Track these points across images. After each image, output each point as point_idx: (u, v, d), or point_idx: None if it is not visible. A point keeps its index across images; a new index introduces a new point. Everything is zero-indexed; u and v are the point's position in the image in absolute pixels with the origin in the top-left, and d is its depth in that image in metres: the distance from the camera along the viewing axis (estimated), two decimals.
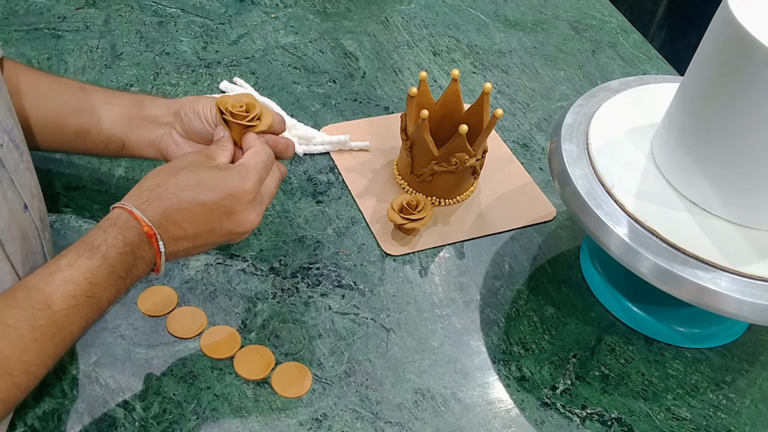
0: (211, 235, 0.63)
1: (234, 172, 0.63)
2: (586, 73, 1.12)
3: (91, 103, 0.73)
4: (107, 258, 0.57)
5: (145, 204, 0.60)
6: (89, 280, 0.56)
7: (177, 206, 0.61)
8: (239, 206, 0.63)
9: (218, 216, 0.62)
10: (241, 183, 0.63)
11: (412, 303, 0.80)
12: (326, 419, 0.69)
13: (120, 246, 0.58)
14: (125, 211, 0.59)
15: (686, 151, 0.71)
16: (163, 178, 0.62)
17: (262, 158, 0.66)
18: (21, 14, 1.08)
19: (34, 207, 0.63)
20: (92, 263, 0.57)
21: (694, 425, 0.73)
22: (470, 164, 0.84)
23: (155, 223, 0.60)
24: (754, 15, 0.63)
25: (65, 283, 0.55)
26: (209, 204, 0.61)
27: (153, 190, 0.61)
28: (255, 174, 0.64)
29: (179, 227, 0.61)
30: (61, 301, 0.55)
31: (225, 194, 0.62)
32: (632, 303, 0.81)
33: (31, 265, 0.63)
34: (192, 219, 0.61)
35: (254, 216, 0.64)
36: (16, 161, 0.61)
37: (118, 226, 0.58)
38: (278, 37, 1.11)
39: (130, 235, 0.59)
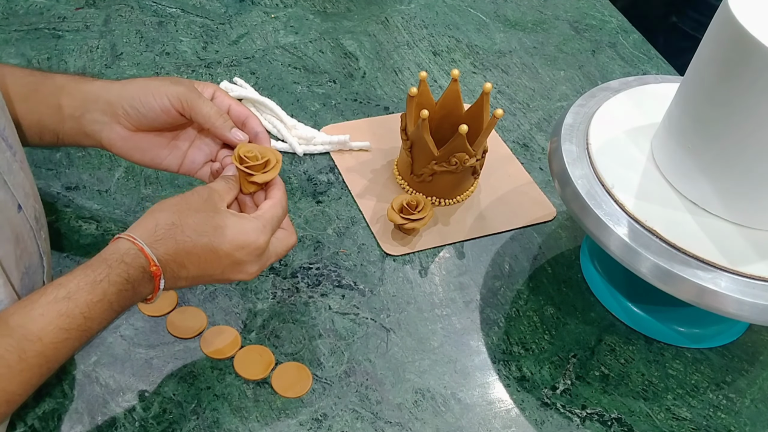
0: (209, 278, 0.63)
1: (251, 224, 0.62)
2: (586, 73, 1.12)
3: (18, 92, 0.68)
4: (107, 294, 0.56)
5: (159, 243, 0.59)
6: (85, 315, 0.55)
7: (189, 250, 0.60)
8: (247, 258, 0.62)
9: (224, 264, 0.62)
10: (256, 237, 0.62)
11: (412, 303, 0.80)
12: (326, 419, 0.69)
13: (122, 284, 0.57)
14: (135, 246, 0.58)
15: (686, 151, 0.71)
16: (179, 217, 0.60)
17: (277, 212, 0.64)
18: (21, 14, 1.08)
19: (28, 207, 0.63)
20: (91, 298, 0.55)
21: (694, 425, 0.73)
22: (470, 164, 0.84)
23: (163, 263, 0.59)
24: (754, 15, 0.63)
25: (61, 316, 0.54)
26: (220, 252, 0.61)
27: (168, 230, 0.59)
28: (270, 229, 0.63)
29: (185, 269, 0.60)
30: (53, 333, 0.54)
31: (238, 246, 0.61)
32: (632, 303, 0.81)
33: (25, 265, 0.62)
34: (199, 263, 0.61)
35: (255, 269, 0.64)
36: (9, 161, 0.60)
37: (125, 263, 0.57)
38: (278, 37, 1.11)
39: (135, 273, 0.57)
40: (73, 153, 0.89)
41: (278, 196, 0.65)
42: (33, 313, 0.54)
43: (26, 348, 0.53)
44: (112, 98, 0.67)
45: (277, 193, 0.66)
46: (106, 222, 0.82)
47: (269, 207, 0.64)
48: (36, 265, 0.65)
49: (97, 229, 0.81)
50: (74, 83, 0.69)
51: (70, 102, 0.68)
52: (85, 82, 0.69)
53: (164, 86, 0.67)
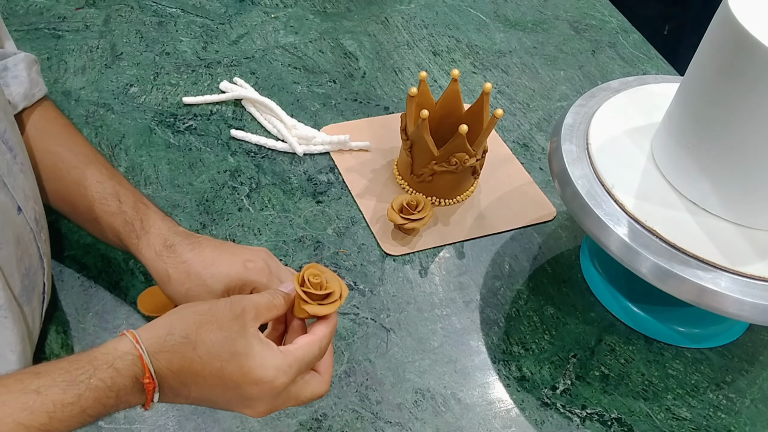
0: (211, 403, 0.55)
1: (273, 360, 0.53)
2: (586, 73, 1.12)
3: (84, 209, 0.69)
4: (81, 399, 0.49)
5: (163, 354, 0.51)
6: (50, 415, 0.48)
7: (196, 371, 0.52)
8: (258, 396, 0.54)
9: (230, 395, 0.54)
10: (274, 376, 0.53)
11: (412, 303, 0.80)
12: (326, 419, 0.69)
13: (104, 390, 0.49)
14: (136, 352, 0.51)
15: (686, 151, 0.71)
16: (197, 332, 0.53)
17: (312, 352, 0.56)
18: (21, 14, 1.08)
19: (28, 209, 0.63)
20: (63, 398, 0.48)
21: (694, 425, 0.73)
22: (470, 164, 0.84)
23: (162, 376, 0.52)
24: (754, 15, 0.63)
25: (23, 409, 0.47)
26: (229, 383, 0.53)
27: (180, 343, 0.52)
28: (295, 370, 0.54)
29: (186, 389, 0.53)
30: (10, 428, 0.47)
31: (252, 380, 0.53)
32: (632, 303, 0.81)
33: (26, 267, 0.62)
34: (204, 387, 0.53)
35: (264, 409, 0.55)
36: (9, 163, 0.60)
37: (115, 369, 0.50)
38: (278, 37, 1.11)
39: (123, 382, 0.50)
40: None
41: (320, 334, 0.57)
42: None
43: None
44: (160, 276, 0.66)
45: (321, 330, 0.57)
46: None
47: (303, 344, 0.56)
48: (36, 267, 0.65)
49: None
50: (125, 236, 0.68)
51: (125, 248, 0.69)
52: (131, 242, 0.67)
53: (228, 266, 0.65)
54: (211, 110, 0.98)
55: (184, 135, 0.93)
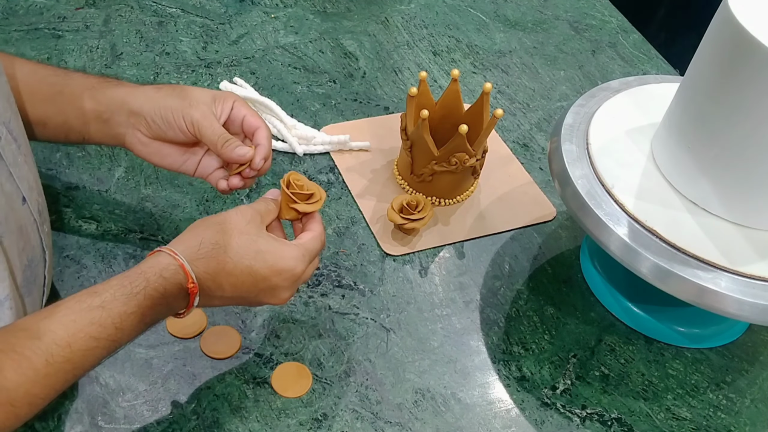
0: (242, 300, 0.63)
1: (292, 251, 0.63)
2: (586, 73, 1.12)
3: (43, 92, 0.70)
4: (141, 307, 0.56)
5: (200, 261, 0.59)
6: (117, 326, 0.55)
7: (229, 271, 0.60)
8: (283, 284, 0.63)
9: (260, 287, 0.62)
10: (294, 264, 0.63)
11: (412, 303, 0.80)
12: (326, 419, 0.69)
13: (158, 298, 0.57)
14: (176, 261, 0.58)
15: (686, 151, 0.71)
16: (223, 238, 0.61)
17: (317, 245, 0.66)
18: (21, 14, 1.08)
19: (32, 200, 0.63)
20: (125, 309, 0.55)
21: (694, 425, 0.73)
22: (470, 164, 0.84)
23: (201, 281, 0.59)
24: (754, 15, 0.63)
25: (92, 324, 0.54)
26: (258, 276, 0.61)
27: (212, 249, 0.60)
28: (309, 258, 0.64)
29: (221, 289, 0.61)
30: (83, 341, 0.54)
31: (277, 270, 0.62)
32: (632, 303, 0.81)
33: (28, 257, 0.63)
34: (237, 285, 0.61)
35: (287, 295, 0.64)
36: (14, 153, 0.61)
37: (163, 278, 0.57)
38: (278, 37, 1.11)
39: (172, 289, 0.58)
40: (73, 153, 0.89)
41: (319, 230, 0.67)
42: (65, 318, 0.54)
43: (54, 352, 0.52)
44: (136, 108, 0.70)
45: (318, 227, 0.67)
46: (106, 222, 0.82)
47: (310, 238, 0.66)
48: (38, 259, 0.65)
49: (97, 229, 0.81)
50: (99, 86, 0.71)
51: (95, 106, 0.70)
52: (110, 87, 0.71)
53: (184, 108, 0.69)
54: None
55: None
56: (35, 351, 0.52)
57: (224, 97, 0.71)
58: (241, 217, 0.63)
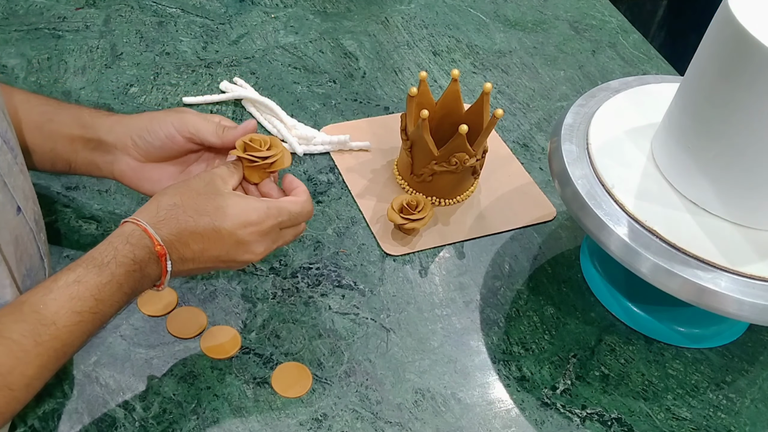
0: (215, 260, 0.64)
1: (255, 204, 0.64)
2: (586, 73, 1.12)
3: (32, 121, 0.71)
4: (115, 275, 0.58)
5: (161, 223, 0.61)
6: (95, 297, 0.57)
7: (192, 229, 0.61)
8: (250, 238, 0.63)
9: (228, 243, 0.63)
10: (258, 217, 0.63)
11: (412, 303, 0.80)
12: (326, 419, 0.69)
13: (129, 264, 0.58)
14: (139, 227, 0.60)
15: (686, 151, 0.71)
16: (181, 198, 0.62)
17: (294, 209, 0.66)
18: (21, 14, 1.08)
19: (28, 209, 0.63)
20: (100, 280, 0.57)
21: (694, 425, 0.73)
22: (470, 164, 0.84)
23: (167, 243, 0.60)
24: (754, 15, 0.63)
25: (72, 299, 0.56)
26: (222, 231, 0.62)
27: (170, 210, 0.61)
28: (278, 215, 0.65)
29: (189, 249, 0.62)
30: (66, 317, 0.55)
31: (240, 224, 0.63)
32: (632, 303, 0.81)
33: (26, 267, 0.62)
34: (203, 242, 0.62)
35: (262, 249, 0.65)
36: (10, 163, 0.60)
37: (130, 244, 0.59)
38: (278, 37, 1.11)
39: (141, 253, 0.59)
40: None
41: (303, 198, 0.67)
42: (45, 298, 0.55)
43: (41, 332, 0.54)
44: (121, 131, 0.70)
45: (303, 195, 0.67)
46: (106, 222, 0.82)
47: (287, 201, 0.66)
48: (37, 267, 0.65)
49: (97, 229, 0.81)
50: (89, 116, 0.71)
51: (83, 133, 0.70)
52: (99, 116, 0.71)
53: (169, 115, 0.69)
54: (211, 110, 0.98)
55: None
56: (23, 333, 0.54)
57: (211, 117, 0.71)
58: (199, 180, 0.64)
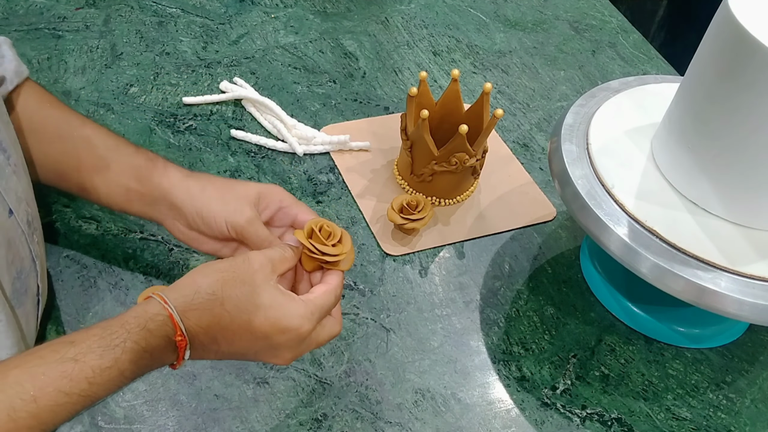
0: (240, 356, 0.58)
1: (298, 308, 0.57)
2: (586, 73, 1.12)
3: (91, 164, 0.69)
4: (119, 362, 0.51)
5: (192, 312, 0.54)
6: (90, 380, 0.50)
7: (224, 325, 0.55)
8: (286, 344, 0.57)
9: (259, 345, 0.57)
10: (300, 323, 0.56)
11: (412, 303, 0.80)
12: (326, 419, 0.69)
13: (139, 352, 0.52)
14: (165, 311, 0.53)
15: (686, 151, 0.71)
16: (222, 289, 0.55)
17: (329, 300, 0.60)
18: (21, 14, 1.08)
19: (20, 211, 0.62)
20: (101, 363, 0.50)
21: (694, 425, 0.73)
22: (470, 164, 0.84)
23: (192, 334, 0.54)
24: (754, 15, 0.63)
25: (63, 378, 0.49)
26: (258, 333, 0.56)
27: (207, 300, 0.54)
28: (317, 317, 0.58)
29: (216, 344, 0.56)
30: (51, 396, 0.49)
31: (279, 329, 0.56)
32: (632, 303, 0.81)
33: (17, 269, 0.62)
34: (233, 340, 0.56)
35: (291, 356, 0.58)
36: (2, 165, 0.60)
37: (147, 330, 0.52)
38: (278, 37, 1.11)
39: (156, 342, 0.53)
40: None
41: (335, 283, 0.61)
42: (34, 370, 0.49)
43: (17, 407, 0.48)
44: (178, 203, 0.67)
45: (334, 280, 0.61)
46: (106, 222, 0.82)
47: (322, 293, 0.59)
48: (28, 270, 0.64)
49: (97, 229, 0.81)
50: (147, 170, 0.68)
51: (139, 188, 0.68)
52: (156, 172, 0.68)
53: (228, 215, 0.65)
54: (211, 110, 0.98)
55: (184, 135, 0.93)
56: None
57: (270, 194, 0.67)
58: (248, 265, 0.57)
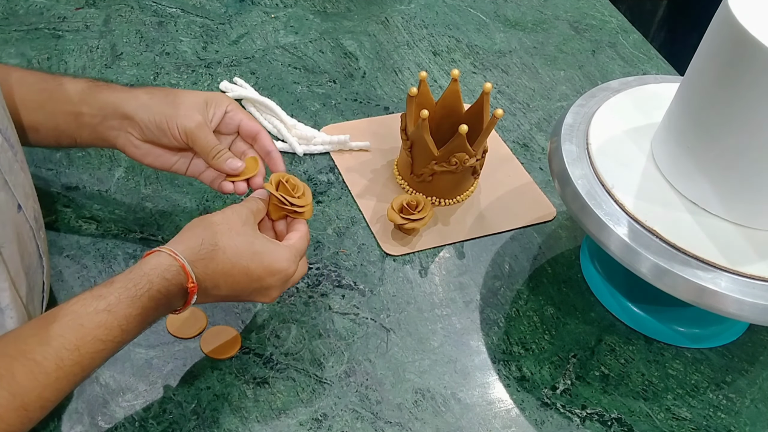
0: (234, 298, 0.66)
1: (285, 252, 0.66)
2: (586, 73, 1.12)
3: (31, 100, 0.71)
4: (145, 309, 0.58)
5: (200, 262, 0.61)
6: (122, 328, 0.57)
7: (227, 271, 0.62)
8: (275, 284, 0.65)
9: (254, 287, 0.65)
10: (287, 265, 0.65)
11: (412, 303, 0.80)
12: (326, 419, 0.69)
13: (160, 299, 0.59)
14: (177, 262, 0.60)
15: (686, 151, 0.71)
16: (223, 239, 0.63)
17: (304, 244, 0.69)
18: (21, 14, 1.08)
19: (28, 207, 0.63)
20: (131, 312, 0.57)
21: (694, 425, 0.73)
22: (470, 164, 0.84)
23: (200, 281, 0.61)
24: (754, 15, 0.63)
25: (99, 327, 0.56)
26: (253, 276, 0.64)
27: (212, 250, 0.62)
28: (299, 258, 0.67)
29: (217, 288, 0.63)
30: (91, 344, 0.55)
31: (272, 271, 0.64)
32: (632, 303, 0.81)
33: (26, 265, 0.62)
34: (233, 284, 0.63)
35: (276, 294, 0.67)
36: (10, 161, 0.61)
37: (166, 279, 0.59)
38: (278, 37, 1.11)
39: (173, 289, 0.60)
40: (73, 153, 0.89)
41: (304, 229, 0.69)
42: (72, 323, 0.55)
43: (64, 357, 0.54)
44: (129, 113, 0.70)
45: (303, 226, 0.70)
46: (106, 222, 0.82)
47: (298, 238, 0.68)
48: (36, 265, 0.65)
49: (97, 229, 0.81)
50: (90, 91, 0.71)
51: (87, 110, 0.71)
52: (101, 91, 0.71)
53: (178, 117, 0.69)
54: None
55: None
56: (45, 356, 0.53)
57: (217, 100, 0.72)
58: (237, 217, 0.65)
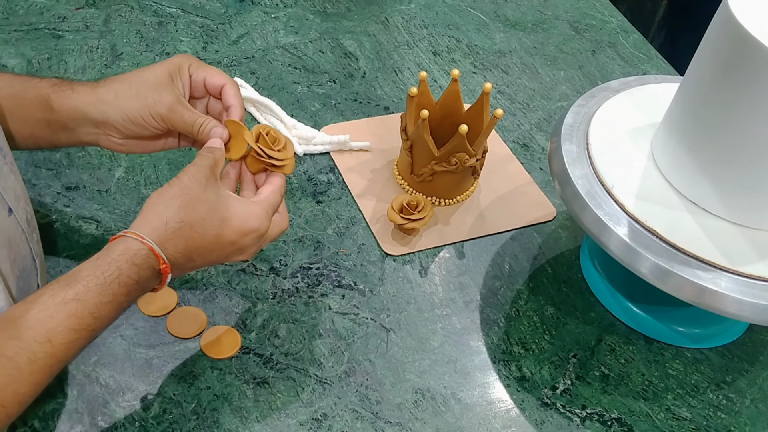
0: (212, 263, 0.64)
1: (254, 210, 0.63)
2: (586, 73, 1.12)
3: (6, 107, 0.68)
4: (117, 296, 0.57)
5: (169, 242, 0.59)
6: (94, 315, 0.55)
7: (198, 244, 0.61)
8: (251, 242, 0.64)
9: (229, 250, 0.63)
10: (259, 223, 0.63)
11: (412, 303, 0.80)
12: (326, 419, 0.69)
13: (132, 285, 0.57)
14: (145, 246, 0.58)
15: (686, 151, 0.71)
16: (187, 214, 0.60)
17: (277, 199, 0.66)
18: (21, 14, 1.08)
19: (19, 210, 0.62)
20: (101, 299, 0.56)
21: (694, 425, 0.73)
22: (470, 164, 0.84)
23: (172, 260, 0.59)
24: (754, 15, 0.63)
25: (70, 317, 0.54)
26: (226, 241, 0.62)
27: (179, 229, 0.60)
28: (272, 213, 0.65)
29: (191, 261, 0.61)
30: (63, 335, 0.54)
31: (243, 233, 0.63)
32: (632, 303, 0.81)
33: (19, 268, 0.62)
34: (206, 254, 0.62)
35: (254, 250, 0.65)
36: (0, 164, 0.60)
37: (136, 265, 0.57)
38: (278, 37, 1.11)
39: (145, 273, 0.58)
40: (73, 153, 0.89)
41: (278, 183, 0.67)
42: (41, 314, 0.54)
43: (36, 350, 0.53)
44: (101, 119, 0.68)
45: (278, 180, 0.67)
46: (106, 222, 0.82)
47: (270, 192, 0.66)
48: (29, 268, 0.64)
49: (97, 229, 0.81)
50: (55, 96, 0.68)
51: (57, 117, 0.68)
52: (65, 96, 0.68)
53: (149, 107, 0.67)
54: None
55: None
56: (17, 351, 0.52)
57: (178, 68, 0.69)
58: (196, 182, 0.62)
